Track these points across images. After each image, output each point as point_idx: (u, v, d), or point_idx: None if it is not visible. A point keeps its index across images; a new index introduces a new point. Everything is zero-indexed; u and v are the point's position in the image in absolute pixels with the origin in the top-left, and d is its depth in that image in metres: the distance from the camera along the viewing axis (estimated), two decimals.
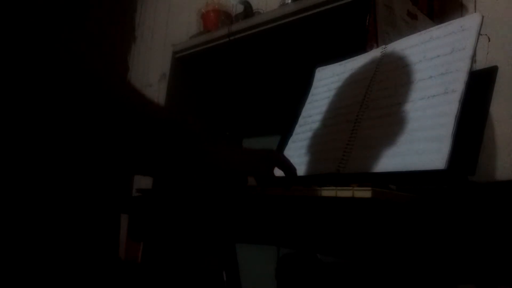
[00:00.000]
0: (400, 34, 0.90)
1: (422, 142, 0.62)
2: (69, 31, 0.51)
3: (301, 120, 0.91)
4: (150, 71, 2.28)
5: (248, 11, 1.47)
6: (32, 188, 0.54)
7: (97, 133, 0.53)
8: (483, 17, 0.65)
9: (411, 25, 1.03)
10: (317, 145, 0.82)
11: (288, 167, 0.66)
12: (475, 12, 1.15)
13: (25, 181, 0.53)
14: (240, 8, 1.51)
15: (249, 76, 1.55)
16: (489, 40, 1.10)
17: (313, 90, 0.93)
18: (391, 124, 0.69)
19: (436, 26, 0.72)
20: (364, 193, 0.45)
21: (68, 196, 0.57)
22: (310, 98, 0.92)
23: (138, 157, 0.57)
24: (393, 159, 0.65)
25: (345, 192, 0.48)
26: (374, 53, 0.82)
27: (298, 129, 0.90)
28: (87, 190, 0.59)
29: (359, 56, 0.86)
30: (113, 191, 0.64)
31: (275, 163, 0.66)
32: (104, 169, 0.61)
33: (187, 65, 1.61)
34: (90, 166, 0.59)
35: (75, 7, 0.53)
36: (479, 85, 0.63)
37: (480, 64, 0.93)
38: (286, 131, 0.92)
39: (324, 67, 0.94)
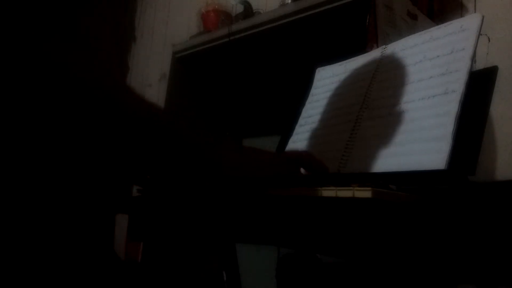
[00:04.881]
0: (400, 34, 0.90)
1: (422, 142, 0.62)
2: (61, 33, 0.51)
3: (301, 120, 0.91)
4: (150, 71, 2.27)
5: (248, 11, 1.47)
6: (29, 188, 0.54)
7: (93, 136, 0.54)
8: (483, 17, 0.65)
9: (411, 25, 1.03)
10: (317, 145, 0.83)
11: (315, 168, 0.66)
12: (475, 12, 1.15)
13: (23, 181, 0.53)
14: (240, 8, 1.51)
15: (249, 76, 1.55)
16: (489, 40, 1.10)
17: (313, 90, 0.93)
18: (391, 124, 0.69)
19: (436, 27, 0.72)
20: (364, 193, 0.45)
21: (65, 196, 0.57)
22: (310, 98, 0.92)
23: (145, 161, 0.56)
24: (393, 159, 0.65)
25: (345, 192, 0.48)
26: (374, 53, 0.82)
27: (298, 129, 0.90)
28: (85, 190, 0.59)
29: (359, 56, 0.86)
30: (110, 191, 0.64)
31: (302, 165, 0.66)
32: (102, 170, 0.61)
33: (187, 65, 1.61)
34: (89, 167, 0.59)
35: (67, 9, 0.53)
36: (479, 85, 0.63)
37: (480, 64, 0.93)
38: (286, 131, 0.92)
39: (324, 67, 0.94)
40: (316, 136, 0.84)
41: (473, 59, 0.63)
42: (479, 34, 0.64)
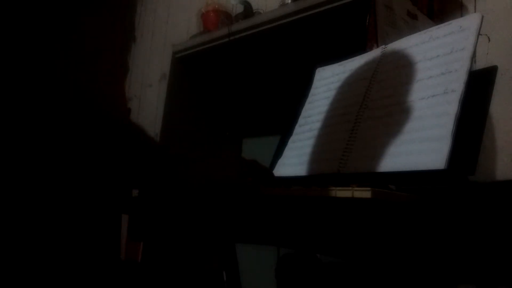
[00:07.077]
0: (400, 34, 0.90)
1: (422, 142, 0.62)
2: (61, 34, 0.51)
3: (301, 120, 0.91)
4: (150, 71, 2.28)
5: (248, 11, 1.47)
6: (33, 189, 0.54)
7: (91, 142, 0.55)
8: (482, 17, 0.65)
9: (411, 25, 1.03)
10: (317, 145, 0.83)
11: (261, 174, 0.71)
12: (475, 12, 1.15)
13: (27, 182, 0.53)
14: (240, 8, 1.51)
15: (249, 76, 1.55)
16: (489, 40, 1.10)
17: (313, 90, 0.93)
18: (391, 124, 0.69)
19: (436, 26, 0.72)
20: (364, 193, 0.45)
21: (69, 196, 0.57)
22: (310, 98, 0.92)
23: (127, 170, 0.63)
24: (393, 159, 0.65)
25: (344, 192, 0.48)
26: (374, 53, 0.82)
27: (298, 129, 0.90)
28: (88, 190, 0.59)
29: (359, 56, 0.86)
30: (114, 192, 0.64)
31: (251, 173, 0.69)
32: (103, 174, 0.61)
33: (187, 65, 1.61)
34: (91, 168, 0.59)
35: (68, 9, 0.53)
36: (479, 85, 0.63)
37: (480, 64, 0.93)
38: (286, 131, 0.92)
39: (324, 67, 0.94)
40: (316, 136, 0.84)
41: (473, 58, 0.63)
42: (479, 34, 0.64)
